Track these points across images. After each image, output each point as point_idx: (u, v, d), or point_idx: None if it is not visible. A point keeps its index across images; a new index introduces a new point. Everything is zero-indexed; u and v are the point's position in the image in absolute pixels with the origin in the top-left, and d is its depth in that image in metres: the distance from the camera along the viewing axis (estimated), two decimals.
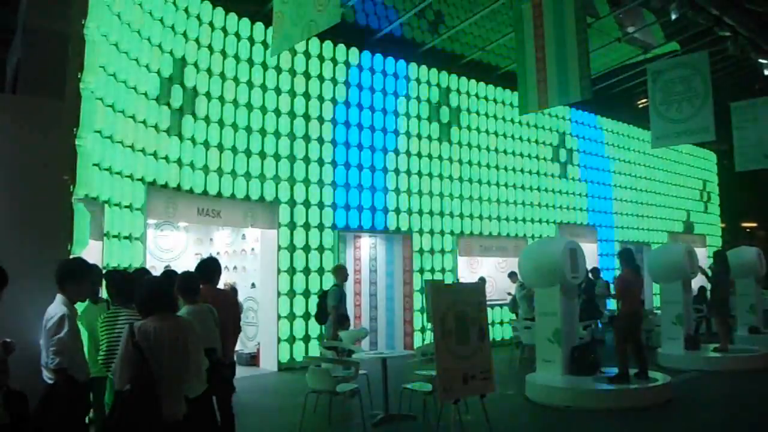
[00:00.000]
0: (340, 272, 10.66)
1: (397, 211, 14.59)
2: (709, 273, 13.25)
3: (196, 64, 11.48)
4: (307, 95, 13.30)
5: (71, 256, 6.21)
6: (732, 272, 13.17)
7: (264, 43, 12.67)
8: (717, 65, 16.52)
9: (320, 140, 13.36)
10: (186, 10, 11.36)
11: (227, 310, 6.14)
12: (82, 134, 7.33)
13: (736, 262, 13.53)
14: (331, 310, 9.98)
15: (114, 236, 8.92)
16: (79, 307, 5.76)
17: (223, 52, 12.10)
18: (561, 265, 9.63)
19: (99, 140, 8.31)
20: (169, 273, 6.97)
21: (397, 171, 14.68)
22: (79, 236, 7.03)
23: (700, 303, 15.26)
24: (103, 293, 6.22)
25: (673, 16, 13.57)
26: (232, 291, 11.60)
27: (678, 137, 14.36)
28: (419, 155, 15.20)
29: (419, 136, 15.27)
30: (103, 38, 8.47)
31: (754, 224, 35.90)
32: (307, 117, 13.22)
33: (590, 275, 10.68)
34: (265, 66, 12.72)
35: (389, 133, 14.67)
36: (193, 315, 5.29)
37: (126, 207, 9.31)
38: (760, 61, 15.66)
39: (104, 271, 6.03)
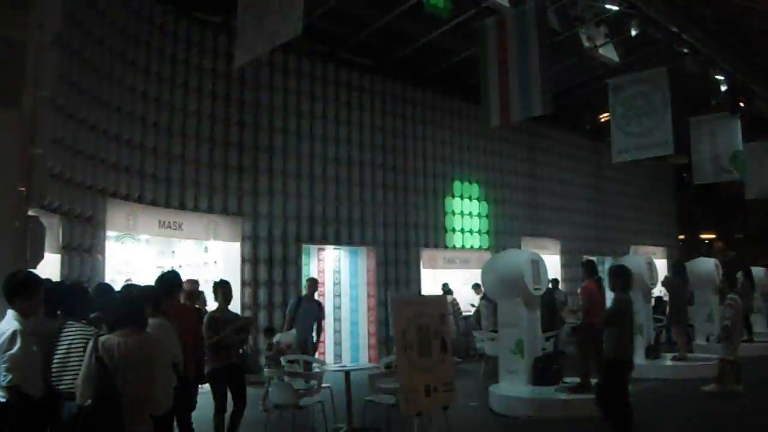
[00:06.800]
0: (307, 284, 11.25)
1: (362, 223, 14.56)
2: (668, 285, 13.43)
3: (159, 74, 11.38)
4: (271, 107, 13.24)
5: (20, 270, 6.07)
6: (690, 283, 13.38)
7: (227, 53, 12.59)
8: (676, 81, 16.82)
9: (284, 152, 13.31)
10: (150, 20, 11.26)
11: (188, 324, 6.08)
12: (40, 144, 7.21)
13: (694, 273, 13.74)
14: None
15: (73, 249, 8.77)
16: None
17: (187, 62, 12.01)
18: (523, 276, 9.69)
19: (57, 150, 8.19)
20: (131, 287, 6.86)
21: (361, 183, 14.67)
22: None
23: (660, 313, 15.47)
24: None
25: (633, 33, 13.79)
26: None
27: (638, 151, 14.55)
28: (383, 167, 15.21)
29: (384, 148, 15.28)
30: (65, 46, 8.37)
31: (713, 236, 36.54)
32: (271, 129, 13.16)
33: (550, 285, 10.84)
34: (228, 77, 12.64)
35: (353, 144, 14.65)
36: (156, 328, 5.24)
37: (85, 219, 9.17)
38: (717, 77, 15.97)
39: (51, 284, 5.89)
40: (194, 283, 8.14)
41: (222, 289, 7.52)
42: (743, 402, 9.87)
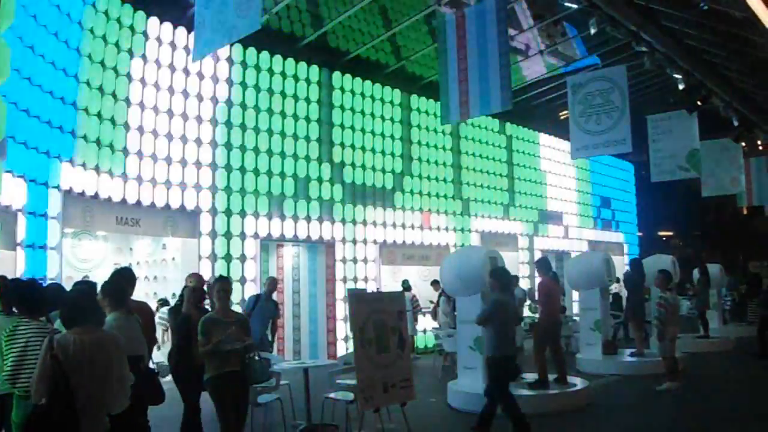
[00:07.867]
0: (266, 282, 11.23)
1: (320, 220, 14.52)
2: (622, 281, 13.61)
3: (115, 69, 11.20)
4: (229, 102, 13.12)
5: None
6: (647, 279, 13.60)
7: (186, 48, 12.44)
8: (635, 79, 17.05)
9: (242, 148, 13.19)
10: (106, 14, 11.08)
11: (143, 320, 6.04)
12: None
13: (651, 270, 13.96)
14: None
15: (28, 246, 8.63)
16: None
17: (144, 57, 11.84)
18: (481, 273, 9.73)
19: (12, 146, 8.04)
20: (89, 284, 6.77)
21: (320, 179, 14.61)
22: None
23: (617, 309, 15.70)
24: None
25: (593, 31, 13.95)
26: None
27: (596, 148, 14.70)
28: (342, 163, 15.18)
29: (342, 145, 15.24)
30: (18, 40, 8.21)
31: (670, 233, 37.21)
32: (228, 124, 13.03)
33: None
34: (186, 72, 12.48)
35: (312, 140, 14.59)
36: (121, 321, 5.22)
37: (41, 215, 9.01)
38: (675, 76, 16.22)
39: (6, 281, 5.80)
40: (200, 278, 7.70)
41: (219, 285, 6.56)
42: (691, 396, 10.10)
